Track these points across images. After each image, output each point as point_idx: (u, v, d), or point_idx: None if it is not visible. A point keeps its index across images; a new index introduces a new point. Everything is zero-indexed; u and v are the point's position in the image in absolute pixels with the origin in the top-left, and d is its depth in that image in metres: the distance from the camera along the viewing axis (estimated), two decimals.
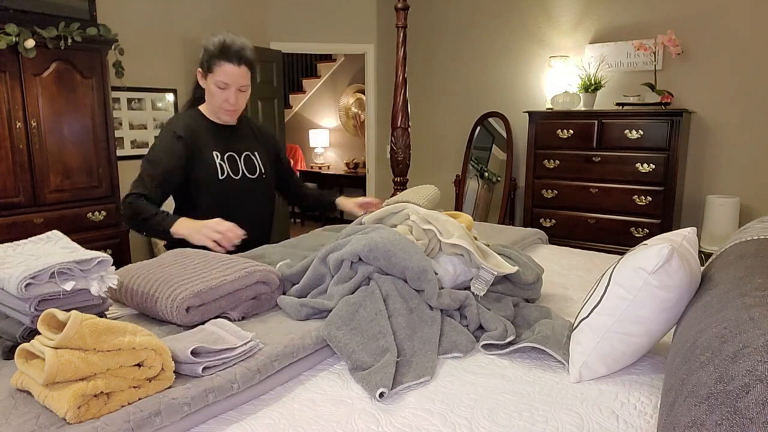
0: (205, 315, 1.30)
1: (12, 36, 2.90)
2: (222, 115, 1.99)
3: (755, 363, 0.69)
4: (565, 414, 1.04)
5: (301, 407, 1.07)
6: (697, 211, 3.73)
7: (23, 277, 1.09)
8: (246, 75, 1.92)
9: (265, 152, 2.14)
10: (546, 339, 1.26)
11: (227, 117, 2.00)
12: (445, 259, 1.54)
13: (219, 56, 1.86)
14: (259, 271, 1.41)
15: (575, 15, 4.15)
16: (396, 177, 3.02)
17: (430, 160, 5.08)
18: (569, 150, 3.80)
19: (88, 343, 0.93)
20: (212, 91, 1.91)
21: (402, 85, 2.89)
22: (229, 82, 1.89)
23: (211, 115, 2.01)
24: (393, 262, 1.41)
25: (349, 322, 1.29)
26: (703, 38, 3.64)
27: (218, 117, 2.00)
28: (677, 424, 0.73)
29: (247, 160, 2.06)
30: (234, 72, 1.88)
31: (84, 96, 3.30)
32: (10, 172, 3.03)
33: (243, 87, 1.93)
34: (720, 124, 3.67)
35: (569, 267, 2.07)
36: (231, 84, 1.89)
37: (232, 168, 2.00)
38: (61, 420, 0.90)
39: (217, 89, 1.90)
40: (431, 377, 1.18)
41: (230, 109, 1.96)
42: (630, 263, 1.14)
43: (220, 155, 1.98)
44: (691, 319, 1.00)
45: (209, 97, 1.96)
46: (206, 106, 2.02)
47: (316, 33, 5.09)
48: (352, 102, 7.25)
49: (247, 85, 1.94)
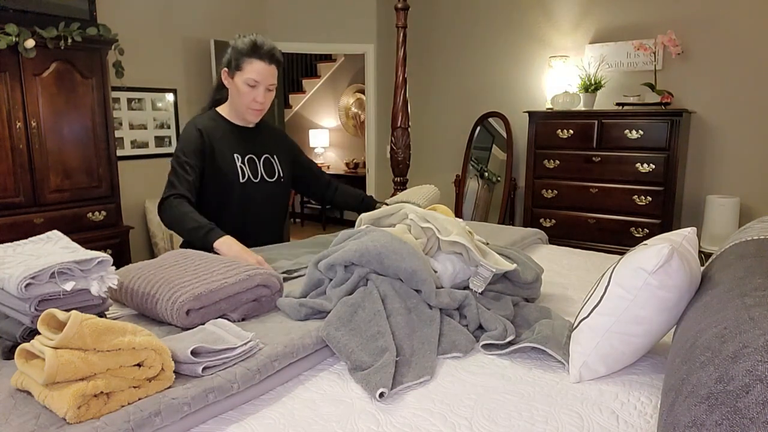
0: (205, 318, 1.30)
1: (12, 36, 2.90)
2: (248, 115, 1.98)
3: (755, 363, 0.69)
4: (565, 414, 1.04)
5: (301, 407, 1.07)
6: (697, 211, 3.73)
7: (23, 277, 1.09)
8: (275, 74, 1.94)
9: (284, 155, 2.14)
10: (546, 339, 1.26)
11: (253, 116, 1.99)
12: (444, 257, 1.55)
13: (250, 54, 1.87)
14: (260, 274, 1.41)
15: (575, 15, 4.15)
16: (396, 177, 3.03)
17: (430, 160, 5.08)
18: (569, 150, 3.80)
19: (88, 343, 0.93)
20: (241, 89, 1.90)
21: (402, 85, 2.89)
22: (259, 80, 1.89)
23: (231, 116, 2.00)
24: (386, 264, 1.41)
25: (348, 323, 1.29)
26: (703, 38, 3.64)
27: (243, 117, 1.99)
28: (677, 424, 0.73)
29: (266, 163, 2.05)
30: (264, 70, 1.89)
31: (84, 96, 3.30)
32: (10, 172, 3.03)
33: (271, 86, 1.94)
34: (720, 124, 3.67)
35: (569, 267, 2.07)
36: (261, 82, 1.90)
37: (252, 171, 2.00)
38: (61, 420, 0.90)
39: (246, 87, 1.90)
40: (431, 377, 1.18)
41: (258, 108, 1.95)
42: (630, 263, 1.14)
43: (241, 158, 1.97)
44: (691, 319, 1.00)
45: (236, 97, 1.94)
46: (227, 108, 2.01)
47: (316, 33, 5.09)
48: (352, 102, 7.25)
49: (275, 84, 1.95)
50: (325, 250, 1.55)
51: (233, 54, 1.90)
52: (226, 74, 1.93)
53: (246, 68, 1.88)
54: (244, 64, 1.88)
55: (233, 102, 1.98)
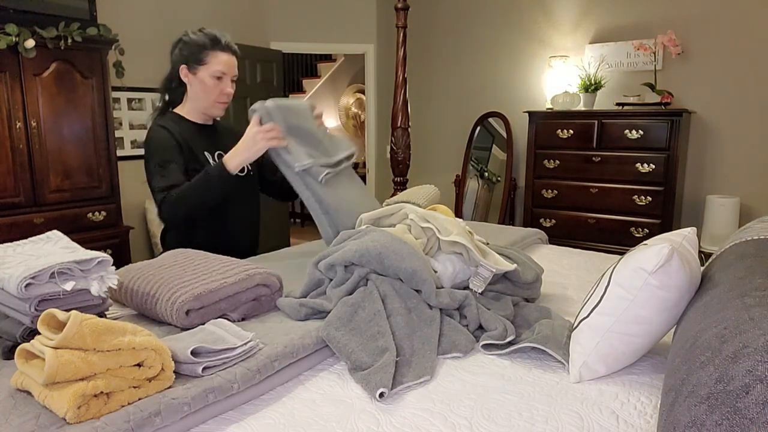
0: (205, 318, 1.30)
1: (12, 36, 2.90)
2: (215, 109, 1.93)
3: (755, 363, 0.69)
4: (565, 414, 1.04)
5: (301, 407, 1.07)
6: (697, 211, 3.73)
7: (23, 277, 1.09)
8: (236, 65, 1.91)
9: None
10: (546, 339, 1.26)
11: (220, 110, 1.95)
12: (444, 257, 1.55)
13: (212, 47, 1.84)
14: (259, 273, 1.41)
15: (575, 15, 4.15)
16: (396, 177, 3.03)
17: (430, 160, 5.08)
18: (569, 150, 3.80)
19: (88, 343, 0.93)
20: (207, 83, 1.86)
21: (402, 85, 2.89)
22: (226, 71, 1.87)
23: (192, 115, 1.94)
24: (386, 264, 1.41)
25: (348, 323, 1.29)
26: (703, 38, 3.64)
27: (209, 112, 1.94)
28: (677, 424, 0.73)
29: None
30: (230, 60, 1.87)
31: (84, 96, 3.30)
32: (10, 172, 3.03)
33: (234, 77, 1.91)
34: (720, 124, 3.67)
35: (569, 267, 2.07)
36: (227, 73, 1.87)
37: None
38: (61, 420, 0.90)
39: (212, 81, 1.85)
40: (431, 377, 1.18)
41: (226, 101, 1.92)
42: (630, 263, 1.14)
43: (211, 155, 1.92)
44: (691, 319, 1.00)
45: (201, 92, 1.88)
46: (187, 107, 1.94)
47: (316, 33, 5.09)
48: (352, 102, 7.25)
49: (236, 75, 1.93)
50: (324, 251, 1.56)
51: (191, 49, 1.84)
52: (186, 71, 1.87)
53: (211, 61, 1.83)
54: (207, 58, 1.83)
55: (196, 99, 1.91)
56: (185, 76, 1.88)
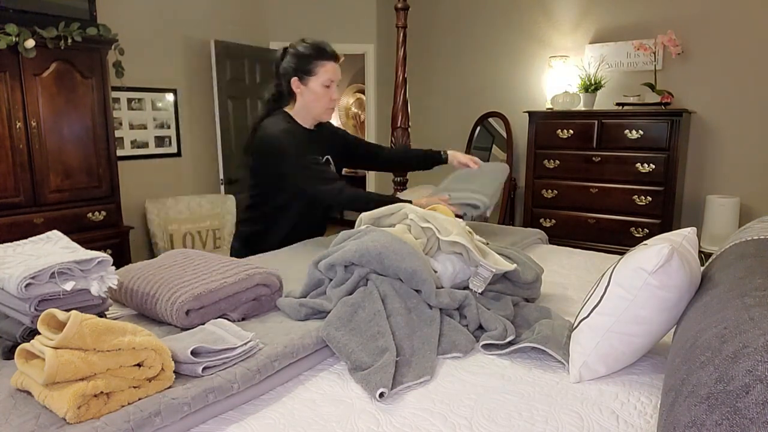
0: (205, 318, 1.30)
1: (12, 36, 2.90)
2: (326, 116, 2.04)
3: (755, 363, 0.69)
4: (565, 414, 1.04)
5: (301, 407, 1.07)
6: (697, 211, 3.73)
7: (23, 277, 1.09)
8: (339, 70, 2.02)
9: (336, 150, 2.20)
10: (546, 339, 1.26)
11: (329, 116, 2.07)
12: (444, 257, 1.54)
13: (319, 57, 1.94)
14: (259, 273, 1.41)
15: (575, 15, 4.15)
16: (396, 177, 3.02)
17: None
18: (569, 150, 3.80)
19: (88, 343, 0.93)
20: (318, 92, 1.95)
21: (402, 85, 2.89)
22: (334, 79, 1.96)
23: (303, 119, 2.04)
24: (386, 265, 1.41)
25: (348, 323, 1.29)
26: (703, 38, 3.64)
27: (319, 118, 2.05)
28: (677, 424, 0.73)
29: (327, 163, 2.14)
30: (335, 69, 1.97)
31: (84, 96, 3.30)
32: (10, 172, 3.03)
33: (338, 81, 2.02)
34: (720, 124, 3.67)
35: (569, 267, 2.07)
36: (335, 80, 1.97)
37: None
38: (61, 420, 0.90)
39: (323, 89, 1.95)
40: (431, 377, 1.18)
41: (334, 107, 2.03)
42: (630, 263, 1.14)
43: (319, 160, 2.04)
44: (691, 319, 1.00)
45: (313, 101, 1.98)
46: (299, 112, 2.04)
47: (316, 33, 5.07)
48: (352, 102, 7.25)
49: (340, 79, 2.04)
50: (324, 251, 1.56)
51: (300, 61, 1.95)
52: (298, 82, 1.97)
53: (320, 71, 1.94)
54: (317, 68, 1.94)
55: (307, 107, 2.01)
56: (297, 87, 1.98)
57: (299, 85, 1.97)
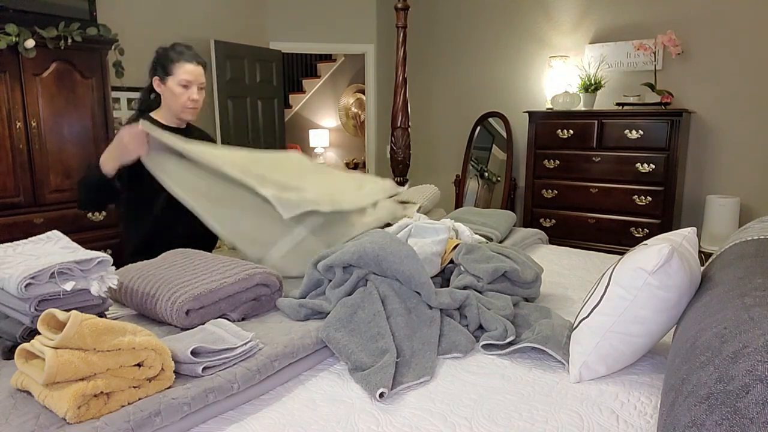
0: (205, 317, 1.30)
1: (12, 36, 2.89)
2: (185, 115, 2.06)
3: (755, 363, 0.69)
4: (565, 414, 1.04)
5: (301, 407, 1.07)
6: (697, 211, 3.73)
7: (23, 277, 1.09)
8: (203, 74, 2.06)
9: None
10: (546, 339, 1.26)
11: (190, 115, 2.08)
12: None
13: (177, 58, 1.99)
14: (259, 273, 1.41)
15: (575, 15, 4.15)
16: (396, 177, 3.03)
17: (430, 160, 5.08)
18: (569, 150, 3.80)
19: (88, 343, 0.93)
20: (175, 92, 2.00)
21: (402, 85, 2.89)
22: (191, 80, 2.00)
23: (166, 119, 2.07)
24: (384, 267, 1.41)
25: (348, 324, 1.29)
26: (703, 38, 3.63)
27: (180, 117, 2.07)
28: (677, 424, 0.73)
29: None
30: (194, 70, 2.01)
31: (84, 96, 3.29)
32: (10, 172, 3.03)
33: (201, 85, 2.04)
34: (720, 124, 3.67)
35: (569, 267, 2.07)
36: (193, 81, 2.01)
37: None
38: (61, 420, 0.90)
39: (180, 89, 1.99)
40: (431, 377, 1.18)
41: (194, 107, 2.05)
42: (630, 263, 1.14)
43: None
44: (691, 319, 1.00)
45: (171, 100, 2.03)
46: (161, 112, 2.08)
47: (316, 33, 5.09)
48: (352, 102, 7.25)
49: (204, 83, 2.07)
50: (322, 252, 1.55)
51: (160, 62, 2.01)
52: (158, 82, 2.02)
53: (177, 71, 1.99)
54: (174, 69, 1.99)
55: (168, 106, 2.06)
56: (158, 87, 2.04)
57: (159, 84, 2.02)
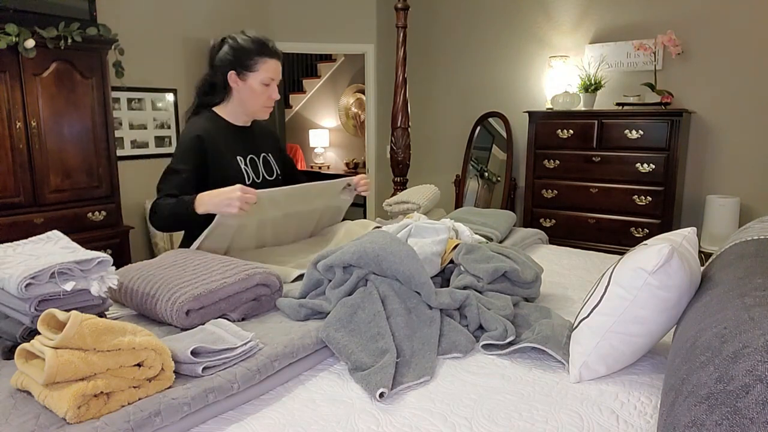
0: (205, 318, 1.30)
1: (12, 36, 2.89)
2: (262, 114, 1.95)
3: (755, 363, 0.69)
4: (565, 414, 1.04)
5: (301, 407, 1.08)
6: (697, 211, 3.73)
7: (23, 277, 1.09)
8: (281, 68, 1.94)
9: (276, 151, 2.12)
10: (546, 339, 1.26)
11: (266, 114, 1.96)
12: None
13: (261, 53, 1.84)
14: (259, 273, 1.41)
15: (575, 15, 4.15)
16: (396, 177, 3.03)
17: (430, 160, 5.08)
18: (569, 150, 3.80)
19: (88, 343, 0.93)
20: (256, 90, 1.86)
21: (402, 85, 2.90)
22: (274, 78, 1.88)
23: (232, 117, 1.94)
24: (384, 267, 1.41)
25: (348, 324, 1.29)
26: (703, 38, 3.63)
27: (254, 116, 1.96)
28: (677, 424, 0.73)
29: (265, 162, 2.02)
30: (277, 67, 1.89)
31: (84, 96, 3.29)
32: (10, 172, 3.03)
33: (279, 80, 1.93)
34: (720, 124, 3.67)
35: (569, 267, 2.07)
36: (275, 79, 1.89)
37: (254, 171, 1.96)
38: (61, 420, 0.90)
39: (262, 87, 1.86)
40: (431, 377, 1.18)
41: (272, 106, 1.94)
42: (630, 263, 1.14)
43: (243, 160, 1.93)
44: (691, 319, 1.00)
45: (249, 98, 1.89)
46: (228, 108, 1.94)
47: (316, 33, 5.09)
48: (352, 102, 7.25)
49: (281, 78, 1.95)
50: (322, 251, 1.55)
51: (240, 54, 1.84)
52: (235, 77, 1.86)
53: (260, 68, 1.84)
54: (257, 65, 1.84)
55: (243, 103, 1.91)
56: (234, 82, 1.87)
57: (237, 80, 1.86)
